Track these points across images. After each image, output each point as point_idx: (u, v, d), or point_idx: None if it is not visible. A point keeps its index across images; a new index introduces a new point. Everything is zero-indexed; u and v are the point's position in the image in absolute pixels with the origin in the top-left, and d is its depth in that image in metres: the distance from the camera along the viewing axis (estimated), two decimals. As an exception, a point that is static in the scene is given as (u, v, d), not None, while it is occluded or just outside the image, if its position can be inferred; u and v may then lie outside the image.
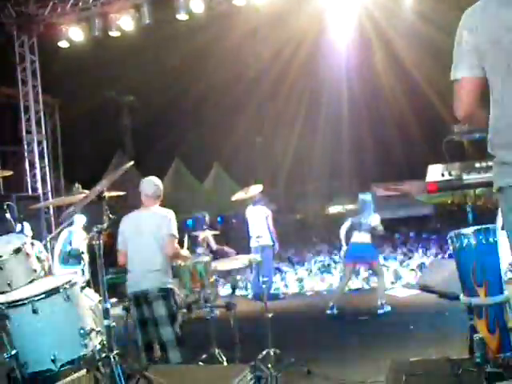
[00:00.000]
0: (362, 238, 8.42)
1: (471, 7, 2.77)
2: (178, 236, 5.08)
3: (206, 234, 9.95)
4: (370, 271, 10.06)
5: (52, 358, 3.36)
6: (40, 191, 11.69)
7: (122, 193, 4.90)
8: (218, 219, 18.37)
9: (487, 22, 2.68)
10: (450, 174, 3.78)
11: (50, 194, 11.92)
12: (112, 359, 3.33)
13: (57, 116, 13.89)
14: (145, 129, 19.23)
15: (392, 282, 10.70)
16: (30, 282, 3.93)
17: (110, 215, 3.37)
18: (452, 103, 2.82)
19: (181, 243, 5.57)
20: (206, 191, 21.41)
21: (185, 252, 5.60)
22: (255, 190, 6.96)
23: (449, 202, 16.60)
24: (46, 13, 11.17)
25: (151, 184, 5.28)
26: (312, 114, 19.93)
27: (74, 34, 10.82)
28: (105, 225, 3.39)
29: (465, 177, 3.81)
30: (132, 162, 3.64)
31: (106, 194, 3.40)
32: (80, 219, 8.11)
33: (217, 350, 5.73)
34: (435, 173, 3.91)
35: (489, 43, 2.67)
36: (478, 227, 4.65)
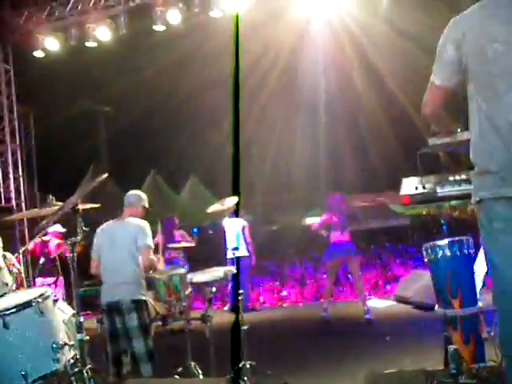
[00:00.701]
0: (341, 237, 8.51)
1: (457, 16, 2.82)
2: (153, 246, 5.05)
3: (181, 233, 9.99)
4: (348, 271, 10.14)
5: (23, 373, 3.29)
6: (14, 202, 11.52)
7: (96, 205, 4.86)
8: (195, 230, 18.24)
9: (472, 32, 2.73)
10: (423, 187, 3.82)
11: (23, 205, 11.75)
12: (85, 374, 3.28)
13: (32, 126, 13.72)
14: (121, 140, 19.10)
15: (368, 294, 10.74)
16: (1, 295, 3.85)
17: (84, 228, 3.33)
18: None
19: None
20: (183, 203, 21.31)
21: (158, 263, 5.57)
22: (231, 201, 6.93)
23: (423, 213, 16.77)
24: (21, 21, 11.05)
25: (134, 193, 5.38)
26: (290, 125, 19.99)
27: (49, 44, 10.72)
28: (79, 237, 3.35)
29: (439, 190, 3.85)
30: (106, 175, 3.60)
31: (80, 207, 3.36)
32: (53, 228, 8.02)
33: (192, 363, 5.68)
34: (409, 186, 3.95)
35: (472, 54, 2.71)
36: (453, 239, 4.70)
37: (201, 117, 19.20)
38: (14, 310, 3.38)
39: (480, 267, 5.19)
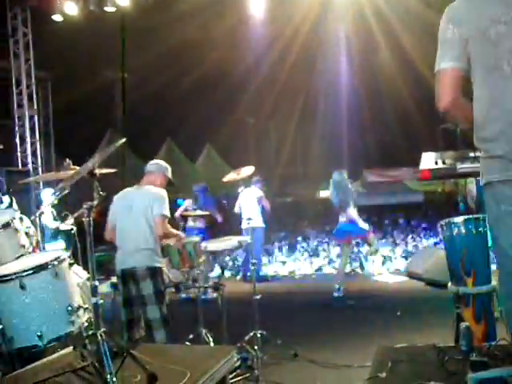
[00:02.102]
0: (341, 218, 8.55)
1: (456, 1, 2.74)
2: (168, 216, 5.06)
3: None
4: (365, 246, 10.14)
5: (38, 334, 3.34)
6: (30, 166, 11.60)
7: (113, 170, 4.86)
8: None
9: (473, 13, 2.66)
10: (443, 163, 3.78)
11: (40, 169, 11.83)
12: (99, 337, 3.32)
13: (49, 91, 13.73)
14: (138, 107, 19.08)
15: (380, 269, 10.77)
16: (19, 257, 3.89)
17: (101, 192, 3.34)
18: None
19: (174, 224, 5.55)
20: (198, 172, 21.35)
21: (178, 232, 5.56)
22: (247, 171, 6.93)
23: (439, 190, 16.65)
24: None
25: (155, 162, 5.43)
26: (307, 97, 19.84)
27: (68, 8, 10.65)
28: (95, 202, 3.36)
29: (458, 166, 3.82)
30: (124, 140, 3.59)
31: (98, 171, 3.36)
32: (47, 194, 7.94)
33: (204, 331, 5.74)
34: (429, 160, 3.91)
35: (474, 35, 2.65)
36: (469, 216, 4.67)
37: (219, 87, 19.10)
38: (30, 271, 3.42)
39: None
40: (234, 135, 21.93)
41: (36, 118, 11.88)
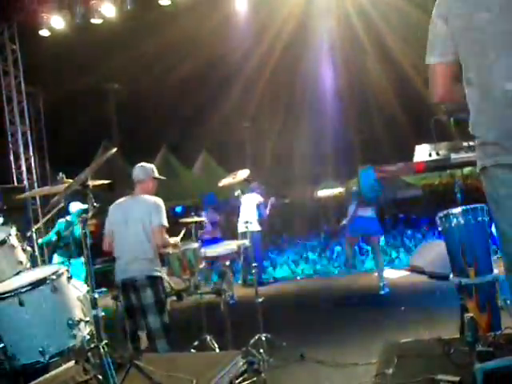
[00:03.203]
0: (366, 211, 8.48)
1: None
2: (167, 225, 5.01)
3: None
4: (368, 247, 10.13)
5: (40, 349, 3.31)
6: (26, 182, 11.56)
7: (107, 181, 4.82)
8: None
9: (457, 5, 2.66)
10: (437, 154, 3.76)
11: (35, 184, 11.79)
12: (101, 349, 3.29)
13: (40, 105, 13.71)
14: (131, 117, 19.08)
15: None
16: (17, 273, 3.86)
17: (95, 204, 3.31)
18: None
19: (172, 232, 5.50)
20: (194, 178, 21.34)
21: (174, 240, 5.52)
22: (243, 174, 6.90)
23: (436, 182, 16.67)
24: (26, 0, 10.95)
25: (141, 166, 5.26)
26: (299, 98, 19.87)
27: (55, 22, 10.63)
28: (90, 214, 3.33)
29: (453, 156, 3.80)
30: (115, 149, 3.56)
31: (91, 183, 3.33)
32: (74, 207, 8.07)
33: (208, 337, 5.72)
34: (423, 153, 3.89)
35: (460, 26, 2.65)
36: (467, 207, 4.65)
37: (210, 92, 19.11)
38: (28, 287, 3.39)
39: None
40: (229, 139, 21.95)
41: (29, 133, 11.84)
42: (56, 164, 14.32)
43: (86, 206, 3.43)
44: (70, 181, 3.94)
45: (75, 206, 8.01)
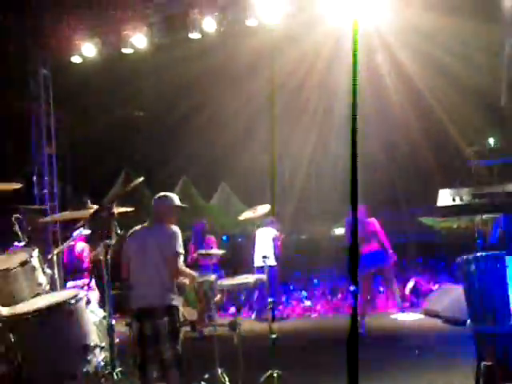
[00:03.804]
0: (369, 247, 8.56)
1: None
2: (182, 253, 5.03)
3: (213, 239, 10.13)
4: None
5: (55, 372, 3.33)
6: (48, 205, 11.70)
7: (130, 209, 4.88)
8: (224, 238, 18.36)
9: None
10: (461, 199, 3.77)
11: (57, 207, 11.92)
12: (115, 376, 3.30)
13: (67, 131, 13.94)
14: (153, 147, 19.30)
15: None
16: (35, 295, 3.91)
17: (119, 231, 3.36)
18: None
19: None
20: (213, 210, 21.38)
21: (191, 271, 5.52)
22: (263, 209, 6.95)
23: (455, 226, 16.51)
24: (60, 27, 11.24)
25: (162, 196, 5.29)
26: (322, 135, 19.93)
27: (86, 50, 10.88)
28: (113, 240, 3.38)
29: (476, 202, 3.80)
30: (142, 178, 3.63)
31: (115, 210, 3.39)
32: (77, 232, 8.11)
33: (220, 370, 5.67)
34: (446, 197, 3.90)
35: None
36: (488, 253, 4.63)
37: (233, 126, 19.29)
38: (47, 310, 3.43)
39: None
40: (247, 173, 22.02)
41: (54, 156, 12.03)
42: (77, 189, 14.51)
43: (87, 231, 3.48)
44: (95, 206, 4.01)
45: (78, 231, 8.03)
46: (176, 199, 5.31)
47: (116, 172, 18.15)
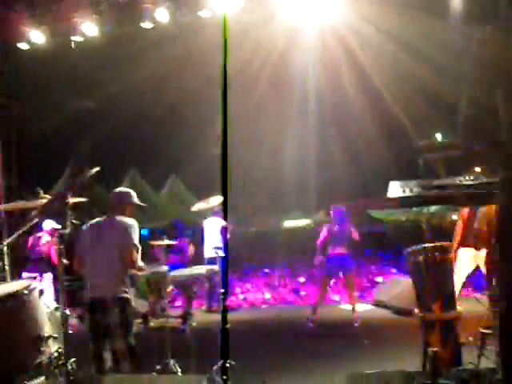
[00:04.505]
0: (340, 250, 8.53)
1: None
2: (139, 246, 5.02)
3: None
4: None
5: (8, 363, 3.28)
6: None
7: (84, 199, 4.82)
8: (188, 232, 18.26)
9: None
10: (411, 191, 3.90)
11: (2, 198, 11.57)
12: (69, 367, 3.28)
13: (12, 119, 13.54)
14: (102, 137, 18.98)
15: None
16: (-14, 286, 3.83)
17: (74, 221, 3.33)
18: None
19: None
20: (162, 202, 21.25)
21: (141, 263, 5.51)
22: (216, 200, 6.96)
23: (403, 219, 16.91)
24: (7, 13, 10.89)
25: (122, 191, 5.37)
26: (274, 129, 20.01)
27: (35, 37, 10.59)
28: (67, 230, 3.35)
29: (424, 193, 3.94)
30: (97, 169, 3.60)
31: (70, 200, 3.35)
32: (47, 224, 8.00)
33: (172, 361, 5.68)
34: (396, 189, 4.02)
35: None
36: (434, 244, 4.79)
37: (186, 117, 19.17)
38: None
39: (461, 272, 5.32)
40: (198, 166, 21.95)
41: (-1, 146, 11.68)
42: (23, 179, 14.13)
43: (58, 226, 3.45)
44: (47, 196, 3.94)
45: (48, 224, 7.95)
46: (134, 196, 5.34)
47: (64, 164, 17.81)
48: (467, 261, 5.87)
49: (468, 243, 5.85)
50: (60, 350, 3.50)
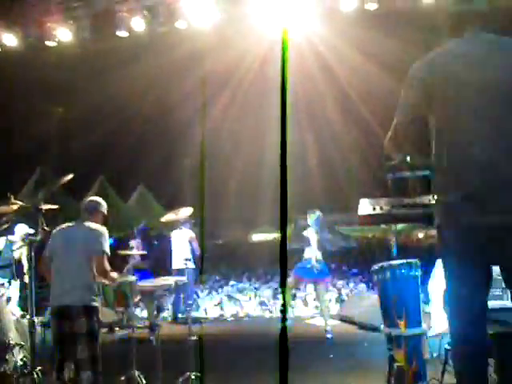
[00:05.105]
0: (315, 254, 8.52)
1: (418, 62, 3.00)
2: (109, 253, 4.98)
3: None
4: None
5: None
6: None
7: (55, 206, 4.77)
8: (155, 242, 18.16)
9: (437, 75, 2.90)
10: (381, 209, 3.97)
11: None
12: (35, 375, 3.23)
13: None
14: (70, 143, 18.81)
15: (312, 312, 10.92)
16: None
17: (45, 227, 3.30)
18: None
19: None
20: (130, 211, 21.08)
21: (114, 274, 5.45)
22: (185, 212, 6.98)
23: (370, 236, 17.13)
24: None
25: (94, 200, 5.32)
26: (245, 139, 20.09)
27: (7, 39, 10.46)
28: (38, 236, 3.31)
29: (394, 211, 4.02)
30: (71, 175, 3.57)
31: (43, 207, 3.32)
32: (20, 229, 7.86)
33: (137, 373, 5.62)
34: (367, 206, 4.09)
35: (438, 92, 2.89)
36: (401, 261, 4.87)
37: (154, 127, 19.15)
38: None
39: (434, 287, 5.40)
40: (167, 175, 21.87)
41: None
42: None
43: (31, 230, 3.42)
44: (18, 202, 3.89)
45: (21, 229, 7.80)
46: (106, 208, 5.34)
47: (31, 169, 17.55)
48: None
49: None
50: (25, 359, 3.44)
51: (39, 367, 3.24)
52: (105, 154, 19.70)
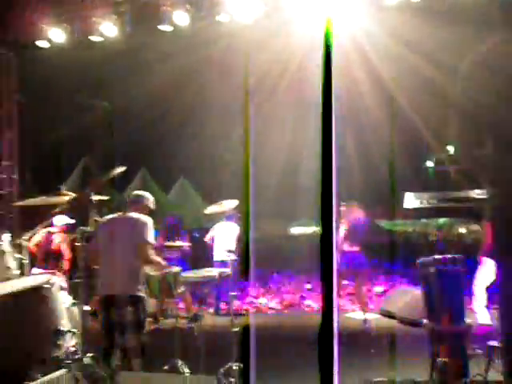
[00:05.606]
0: (351, 247, 8.69)
1: None
2: (153, 243, 5.10)
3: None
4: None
5: (26, 355, 3.35)
6: (6, 190, 11.44)
7: (106, 197, 4.91)
8: (196, 234, 18.34)
9: None
10: (428, 203, 3.95)
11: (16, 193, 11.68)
12: (85, 362, 3.34)
13: (30, 117, 13.66)
14: (114, 137, 19.10)
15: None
16: (6, 279, 3.90)
17: (96, 218, 3.40)
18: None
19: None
20: (171, 203, 21.33)
21: (160, 260, 5.57)
22: (229, 204, 7.03)
23: (410, 230, 16.90)
24: (27, 10, 10.99)
25: (139, 193, 5.54)
26: (289, 132, 20.04)
27: (54, 35, 10.65)
28: (89, 228, 3.42)
29: (441, 205, 3.99)
30: (124, 168, 3.67)
31: (94, 198, 3.43)
32: (60, 219, 8.02)
33: (179, 362, 5.73)
34: (412, 200, 4.07)
35: None
36: (446, 256, 4.83)
37: (196, 121, 19.28)
38: (19, 293, 3.44)
39: (480, 284, 5.34)
40: (208, 169, 22.03)
41: (14, 141, 11.78)
42: (35, 175, 14.25)
43: (71, 221, 3.50)
44: (70, 193, 4.02)
45: (60, 219, 7.97)
46: (152, 201, 5.47)
47: (75, 161, 17.93)
48: (490, 271, 5.93)
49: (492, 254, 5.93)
50: (77, 345, 3.56)
51: (89, 354, 3.33)
52: (147, 146, 19.96)
